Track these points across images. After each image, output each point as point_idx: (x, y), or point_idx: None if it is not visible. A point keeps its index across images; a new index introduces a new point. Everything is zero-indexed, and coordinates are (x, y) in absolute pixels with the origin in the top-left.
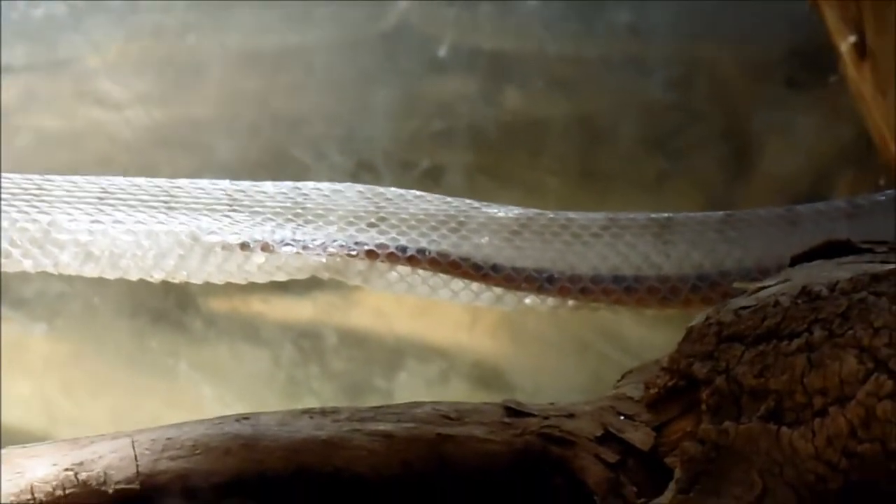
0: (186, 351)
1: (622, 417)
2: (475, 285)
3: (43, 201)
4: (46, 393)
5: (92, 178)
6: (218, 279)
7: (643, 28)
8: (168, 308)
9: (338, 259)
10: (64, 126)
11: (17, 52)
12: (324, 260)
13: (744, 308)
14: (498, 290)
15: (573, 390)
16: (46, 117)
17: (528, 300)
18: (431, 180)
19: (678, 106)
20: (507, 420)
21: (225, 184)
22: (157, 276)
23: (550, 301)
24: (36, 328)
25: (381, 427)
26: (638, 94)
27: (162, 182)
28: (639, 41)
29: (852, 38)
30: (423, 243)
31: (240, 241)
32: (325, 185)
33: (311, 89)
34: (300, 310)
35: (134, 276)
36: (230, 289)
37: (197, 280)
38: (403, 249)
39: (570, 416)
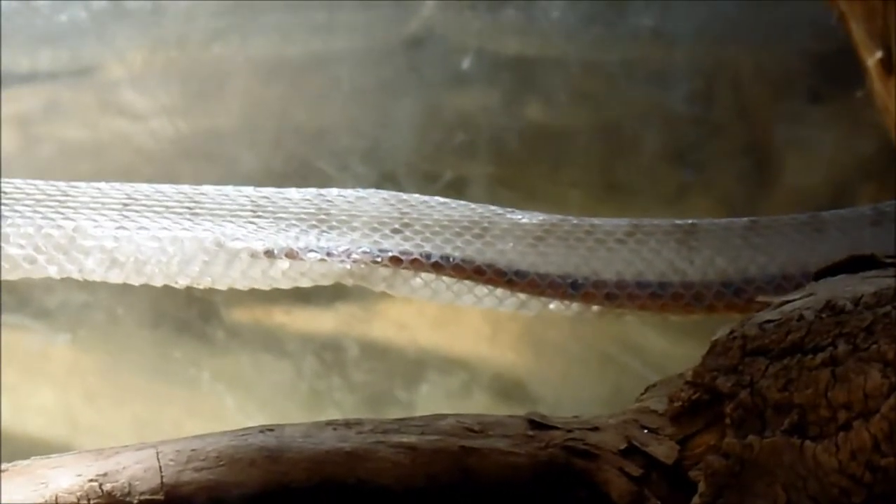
0: (209, 361)
1: (646, 431)
2: (499, 291)
3: (68, 207)
4: (69, 402)
5: (116, 185)
6: (242, 285)
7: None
8: (191, 318)
9: (362, 266)
10: (87, 136)
11: (41, 62)
12: (348, 266)
13: (768, 322)
14: (522, 296)
15: (595, 402)
16: (70, 127)
17: (553, 306)
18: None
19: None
20: (530, 433)
21: (249, 190)
22: (181, 283)
23: (575, 307)
24: (59, 338)
25: (405, 439)
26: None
27: (186, 189)
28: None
29: (879, 54)
30: (448, 249)
31: (265, 248)
32: (350, 192)
33: (334, 99)
34: (322, 321)
35: (159, 283)
36: (253, 300)
37: (221, 286)
38: (427, 256)
39: (594, 429)
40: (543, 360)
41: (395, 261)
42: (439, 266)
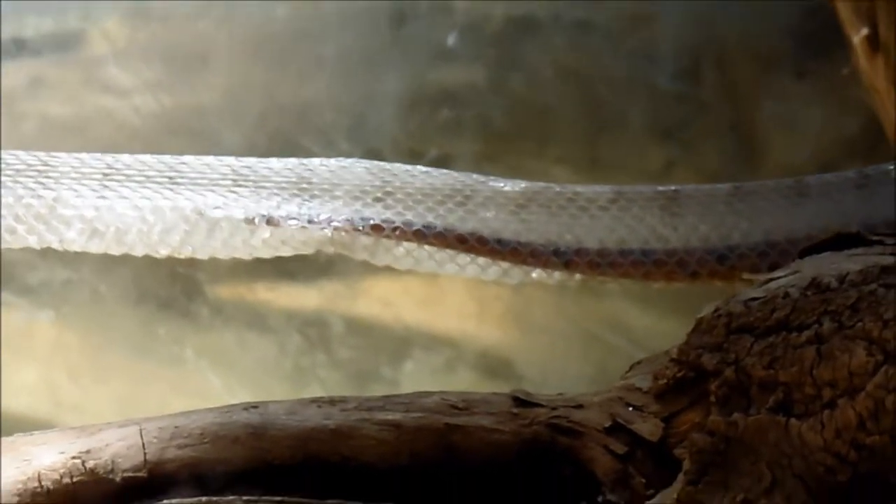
0: (193, 338)
1: (631, 408)
2: (481, 259)
3: (48, 178)
4: (52, 380)
5: (97, 155)
6: (224, 255)
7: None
8: (174, 296)
9: (343, 234)
10: (71, 112)
11: (24, 37)
12: (329, 234)
13: (753, 299)
14: (504, 265)
15: (580, 380)
16: (54, 103)
17: (535, 274)
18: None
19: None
20: (515, 410)
21: (230, 160)
22: (162, 252)
23: (557, 275)
24: (42, 315)
25: (390, 416)
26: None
27: (167, 158)
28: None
29: (865, 31)
30: (430, 218)
31: (245, 216)
32: (332, 162)
33: (318, 77)
34: (307, 298)
35: (140, 253)
36: (237, 276)
37: (203, 256)
38: (409, 224)
39: (579, 406)
40: (529, 338)
41: (377, 229)
42: (421, 234)
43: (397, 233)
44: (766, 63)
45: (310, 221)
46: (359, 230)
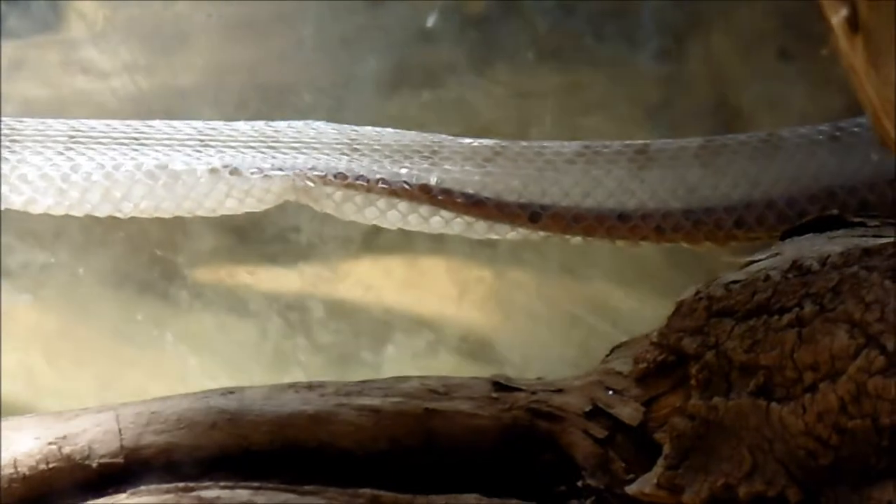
0: (172, 322)
1: (611, 392)
2: (445, 213)
3: (14, 141)
4: (31, 364)
5: (62, 120)
6: (187, 211)
7: None
8: (154, 279)
9: (307, 182)
10: (50, 95)
11: (3, 20)
12: (293, 182)
13: (734, 283)
14: (469, 219)
15: (562, 363)
16: (32, 86)
17: (498, 228)
18: None
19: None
20: (494, 395)
21: (197, 123)
22: (125, 210)
23: (521, 230)
24: (20, 299)
25: (368, 401)
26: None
27: (134, 122)
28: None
29: (844, 12)
30: (395, 169)
31: (209, 167)
32: (299, 123)
33: (297, 57)
34: (287, 282)
35: (103, 212)
36: (217, 260)
37: (166, 213)
38: (373, 173)
39: (559, 391)
40: (510, 321)
41: (341, 177)
42: (385, 184)
43: (361, 182)
44: (750, 43)
45: (273, 170)
46: (323, 178)
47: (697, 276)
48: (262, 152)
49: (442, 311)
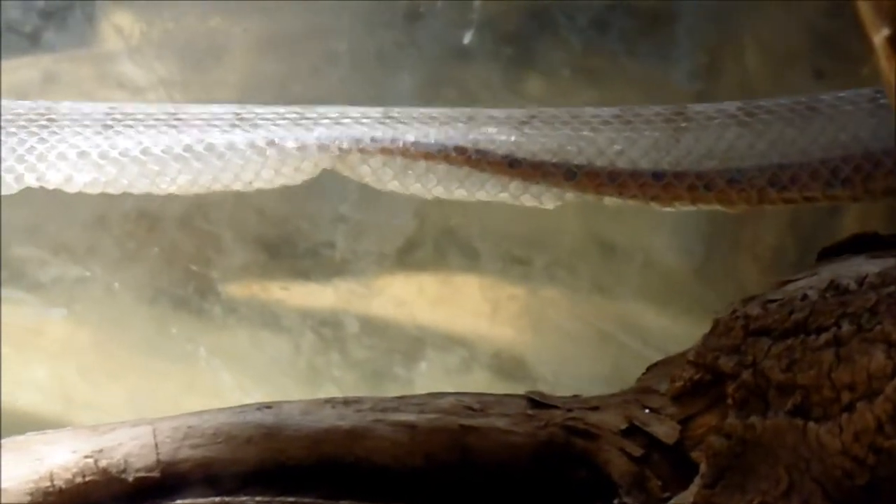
0: (206, 337)
1: (647, 411)
2: (480, 175)
3: (51, 120)
4: (64, 377)
5: (99, 104)
6: (223, 185)
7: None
8: (188, 294)
9: (346, 153)
10: None
11: (39, 33)
12: (331, 151)
13: (771, 301)
14: (504, 179)
15: (594, 381)
16: (68, 99)
17: (533, 189)
18: None
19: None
20: (530, 412)
21: (233, 106)
22: (163, 187)
23: (556, 191)
24: (54, 313)
25: (404, 417)
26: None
27: (169, 106)
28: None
29: (886, 31)
30: (431, 132)
31: (247, 140)
32: (333, 107)
33: (331, 73)
34: (321, 297)
35: (140, 189)
36: (250, 275)
37: (202, 189)
38: (409, 139)
39: (595, 408)
40: (543, 339)
41: (377, 142)
42: (421, 147)
43: (396, 145)
44: (784, 62)
45: (311, 140)
46: (358, 143)
47: (728, 294)
48: (299, 125)
49: (475, 328)
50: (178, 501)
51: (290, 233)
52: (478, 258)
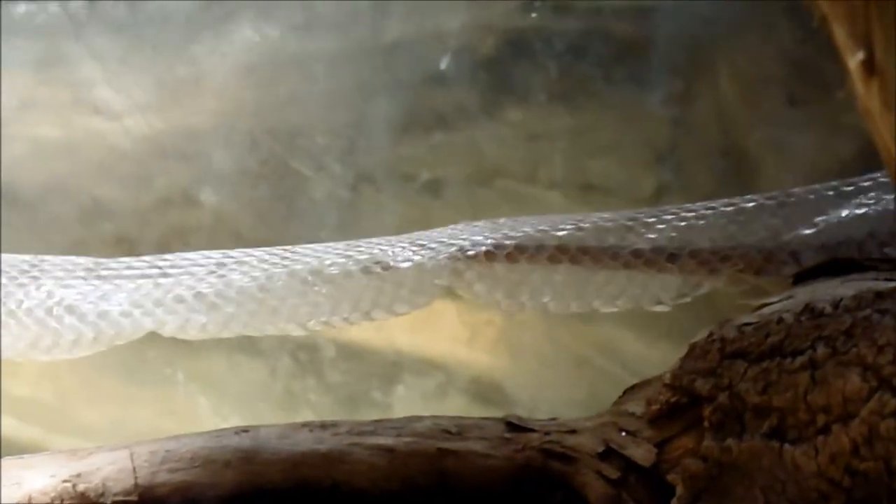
0: (183, 361)
1: (624, 434)
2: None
3: (157, 269)
4: (42, 401)
5: (207, 253)
6: (342, 315)
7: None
8: None
9: (469, 257)
10: (61, 134)
11: (14, 60)
12: (448, 265)
13: (747, 325)
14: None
15: (571, 405)
16: (43, 125)
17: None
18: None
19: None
20: (507, 435)
21: (339, 245)
22: (279, 326)
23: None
24: None
25: (382, 441)
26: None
27: (277, 250)
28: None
29: (861, 55)
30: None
31: (360, 266)
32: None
33: (310, 100)
34: None
35: (255, 331)
36: None
37: (317, 325)
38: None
39: (572, 431)
40: (520, 363)
41: (500, 248)
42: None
43: (518, 252)
44: (759, 88)
45: (425, 258)
46: (481, 254)
47: (706, 319)
48: (409, 242)
49: (452, 352)
50: None
51: None
52: None
